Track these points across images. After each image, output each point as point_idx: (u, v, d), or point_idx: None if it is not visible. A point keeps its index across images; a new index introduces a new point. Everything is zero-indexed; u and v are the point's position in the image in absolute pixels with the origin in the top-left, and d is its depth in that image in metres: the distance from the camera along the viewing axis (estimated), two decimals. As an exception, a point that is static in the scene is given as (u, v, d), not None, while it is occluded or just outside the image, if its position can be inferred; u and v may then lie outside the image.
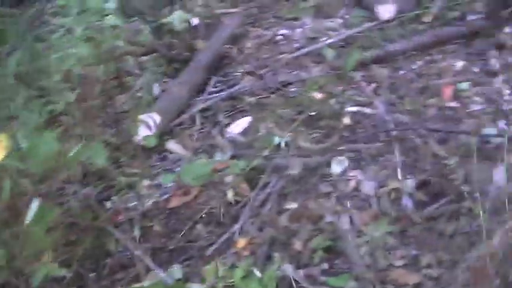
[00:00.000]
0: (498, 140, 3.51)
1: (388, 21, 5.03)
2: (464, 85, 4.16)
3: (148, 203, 3.63)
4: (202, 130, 4.22)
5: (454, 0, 5.09)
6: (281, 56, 4.86)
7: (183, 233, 3.41)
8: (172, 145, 3.94)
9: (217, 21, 5.48)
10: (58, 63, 3.73)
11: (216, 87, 4.67)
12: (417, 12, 5.04)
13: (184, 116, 4.33)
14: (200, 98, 4.55)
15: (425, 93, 4.15)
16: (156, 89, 4.61)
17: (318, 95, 4.19)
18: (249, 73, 4.70)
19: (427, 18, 4.93)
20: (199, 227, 3.43)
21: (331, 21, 5.27)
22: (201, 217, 3.48)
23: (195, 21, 5.36)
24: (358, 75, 4.41)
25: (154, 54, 5.14)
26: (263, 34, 5.31)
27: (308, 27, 5.23)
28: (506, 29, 4.61)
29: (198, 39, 5.15)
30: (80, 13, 3.79)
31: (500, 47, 4.48)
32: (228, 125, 4.18)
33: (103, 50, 4.20)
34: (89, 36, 3.76)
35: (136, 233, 3.43)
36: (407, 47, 4.64)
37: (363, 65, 4.48)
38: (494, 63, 4.35)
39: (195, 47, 4.96)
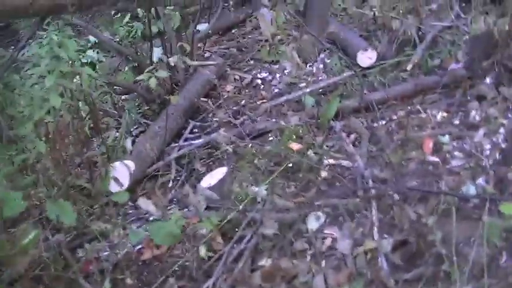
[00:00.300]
0: (478, 198, 3.50)
1: (369, 68, 5.04)
2: (445, 138, 4.15)
3: (121, 253, 3.56)
4: (177, 179, 4.20)
5: (435, 48, 5.11)
6: (260, 102, 4.85)
7: (154, 287, 3.35)
8: (143, 203, 3.87)
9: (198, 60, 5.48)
10: (30, 112, 3.69)
11: (193, 133, 4.66)
12: (398, 59, 5.06)
13: (160, 163, 4.30)
14: (177, 144, 4.53)
15: (405, 146, 4.13)
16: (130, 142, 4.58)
17: (296, 146, 4.16)
18: (226, 120, 4.68)
19: (408, 66, 4.94)
20: (171, 281, 3.38)
21: (311, 66, 5.27)
22: (174, 271, 3.43)
23: (174, 60, 5.32)
24: (337, 125, 4.40)
25: (134, 94, 5.14)
26: (242, 77, 5.31)
27: (287, 72, 5.23)
28: (487, 80, 4.61)
29: (177, 80, 5.14)
30: (53, 60, 3.74)
31: (481, 98, 4.48)
32: (203, 174, 4.15)
33: (79, 91, 4.15)
34: (60, 84, 3.71)
35: (107, 285, 3.36)
36: (388, 96, 4.64)
37: (343, 114, 4.48)
38: (475, 115, 4.35)
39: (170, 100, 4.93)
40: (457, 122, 4.36)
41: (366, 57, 5.06)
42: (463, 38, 5.11)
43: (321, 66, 5.25)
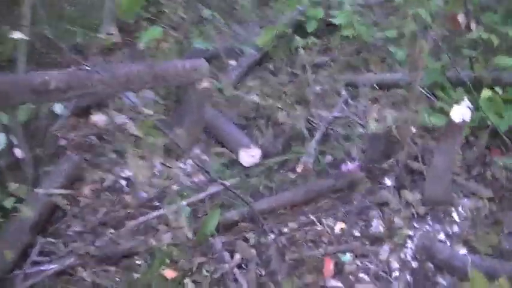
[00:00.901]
0: None
1: (252, 166, 4.48)
2: (346, 257, 3.65)
3: None
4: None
5: (327, 143, 4.63)
6: (124, 210, 4.15)
7: None
8: None
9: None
10: None
11: (42, 253, 3.84)
12: (285, 157, 4.54)
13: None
14: (22, 269, 3.72)
15: (301, 268, 3.60)
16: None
17: (170, 272, 3.50)
18: (81, 240, 3.92)
19: (298, 168, 4.41)
20: None
21: (185, 164, 4.64)
22: None
23: (19, 152, 4.54)
24: (218, 243, 3.75)
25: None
26: (103, 177, 4.56)
27: (158, 172, 4.55)
28: (387, 182, 4.16)
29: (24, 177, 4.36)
30: None
31: (383, 205, 4.01)
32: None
33: None
34: None
35: None
36: (276, 204, 4.10)
37: (224, 228, 3.85)
38: (377, 225, 3.88)
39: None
40: (357, 233, 3.87)
41: (249, 155, 4.51)
42: (356, 131, 4.67)
43: (197, 163, 4.61)
